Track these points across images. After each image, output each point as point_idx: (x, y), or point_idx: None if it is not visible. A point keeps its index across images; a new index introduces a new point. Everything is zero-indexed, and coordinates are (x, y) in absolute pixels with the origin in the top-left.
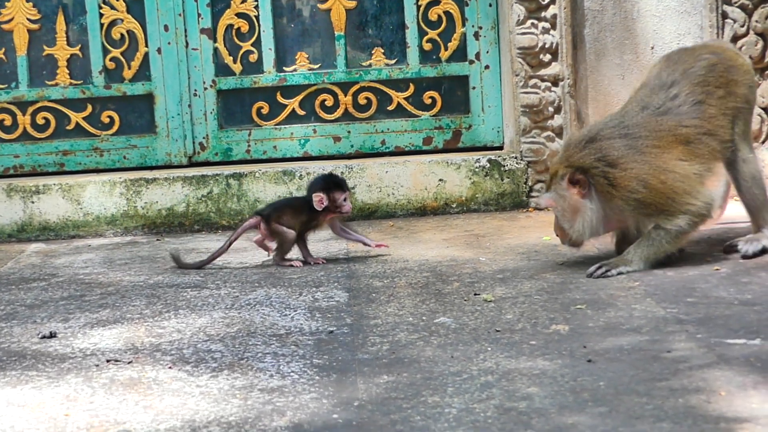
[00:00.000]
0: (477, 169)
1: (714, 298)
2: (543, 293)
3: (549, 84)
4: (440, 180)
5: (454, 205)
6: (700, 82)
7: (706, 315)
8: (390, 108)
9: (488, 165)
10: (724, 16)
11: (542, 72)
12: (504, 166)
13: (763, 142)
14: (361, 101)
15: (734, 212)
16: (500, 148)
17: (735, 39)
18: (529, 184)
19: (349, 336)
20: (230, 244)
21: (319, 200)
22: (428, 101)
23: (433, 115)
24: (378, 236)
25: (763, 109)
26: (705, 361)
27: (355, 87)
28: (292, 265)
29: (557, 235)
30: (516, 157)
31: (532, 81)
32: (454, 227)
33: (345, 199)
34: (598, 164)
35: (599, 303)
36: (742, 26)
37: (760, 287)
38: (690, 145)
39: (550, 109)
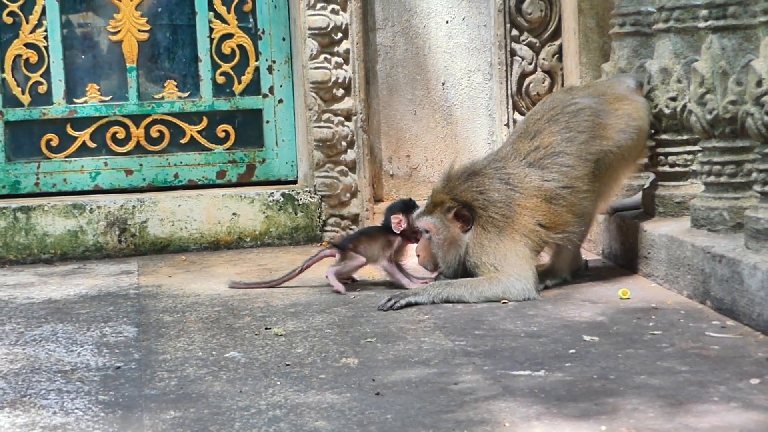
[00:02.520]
0: (271, 203)
1: (501, 330)
2: (334, 327)
3: (342, 118)
4: (234, 214)
5: (247, 239)
6: (561, 129)
7: (493, 347)
8: (183, 141)
9: (282, 199)
10: (513, 53)
11: (335, 106)
12: (298, 200)
13: None
14: (154, 134)
15: None
16: (294, 182)
17: (523, 76)
18: (323, 218)
19: (136, 372)
20: (302, 271)
21: (398, 222)
22: (222, 135)
23: (227, 149)
24: (170, 270)
25: None
26: (491, 393)
27: (148, 119)
28: (338, 291)
29: (419, 257)
30: (310, 191)
31: (326, 115)
32: (247, 261)
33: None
34: (479, 198)
35: (389, 336)
36: (530, 64)
37: (545, 319)
38: (552, 203)
39: (343, 143)
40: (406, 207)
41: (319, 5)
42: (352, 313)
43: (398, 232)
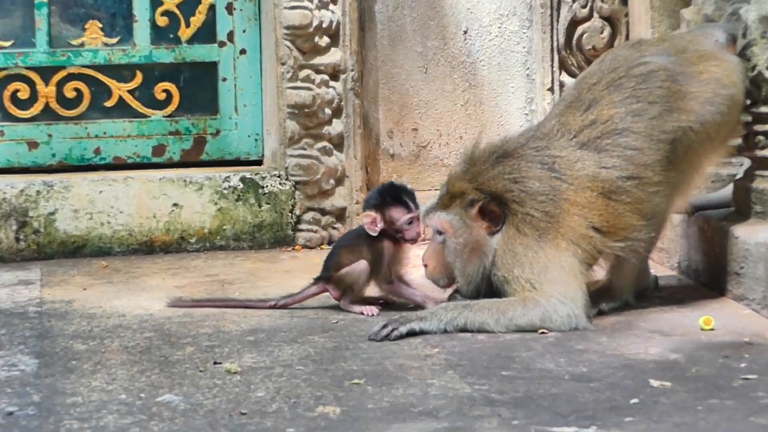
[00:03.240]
0: (226, 191)
1: (538, 371)
2: (309, 363)
3: (326, 77)
4: (175, 205)
5: (192, 240)
6: (626, 98)
7: (526, 394)
8: (108, 104)
9: (241, 186)
10: None
11: (317, 60)
12: (263, 187)
13: None
14: (69, 94)
15: None
16: (259, 162)
17: (574, 24)
18: (297, 212)
19: (35, 419)
20: (275, 308)
21: (371, 222)
22: (161, 96)
23: (168, 116)
24: (86, 281)
25: None
26: None
27: (61, 74)
28: (362, 313)
29: (427, 267)
30: (280, 176)
31: (304, 72)
32: (192, 270)
33: (410, 222)
34: (513, 188)
35: (384, 376)
36: (584, 7)
37: (598, 357)
38: (611, 199)
39: (327, 111)
40: (381, 199)
41: None
42: (334, 343)
43: (375, 234)
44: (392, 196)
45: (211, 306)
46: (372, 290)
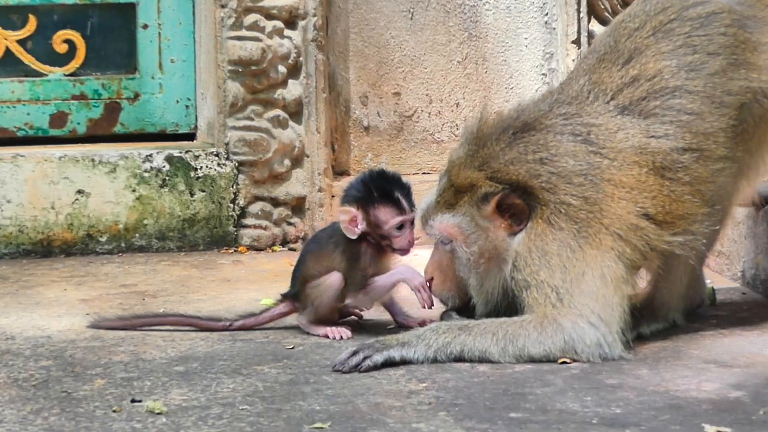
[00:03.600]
0: (147, 175)
1: (557, 412)
2: (256, 401)
3: (280, 24)
4: (80, 192)
5: (103, 239)
6: (678, 47)
7: None
8: None
9: (167, 167)
10: None
11: (268, 3)
12: (196, 169)
13: None
14: None
15: None
16: (190, 136)
17: None
18: (241, 203)
19: None
20: (232, 328)
21: (350, 220)
22: (62, 48)
23: (71, 74)
24: None
25: None
26: None
27: None
28: (326, 335)
29: (430, 282)
30: (218, 154)
31: (251, 18)
32: (102, 279)
33: (401, 227)
34: (541, 171)
35: (356, 419)
36: None
37: (636, 395)
38: (666, 177)
39: (281, 69)
40: (367, 190)
41: None
42: (289, 375)
43: (354, 237)
44: (381, 189)
45: (147, 325)
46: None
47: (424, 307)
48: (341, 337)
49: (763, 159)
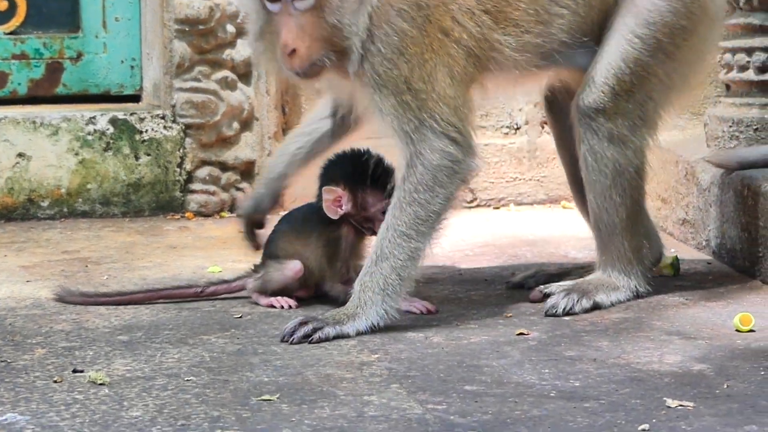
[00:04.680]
0: (90, 138)
1: (514, 385)
2: (203, 371)
3: None
4: (20, 156)
5: (44, 204)
6: None
7: (499, 417)
8: None
9: (112, 130)
10: None
11: None
12: (141, 132)
13: None
14: None
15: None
16: (136, 98)
17: None
18: (188, 167)
19: None
20: (195, 295)
21: (335, 200)
22: (1, 6)
23: (10, 33)
24: None
25: None
26: None
27: None
28: (272, 305)
29: (296, 53)
30: (164, 117)
31: None
32: (43, 245)
33: (383, 211)
34: None
35: (305, 391)
36: None
37: (596, 367)
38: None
39: (230, 27)
40: (355, 171)
41: None
42: (237, 346)
43: (336, 217)
44: (365, 170)
45: (114, 303)
46: None
47: (424, 313)
48: (287, 306)
49: None
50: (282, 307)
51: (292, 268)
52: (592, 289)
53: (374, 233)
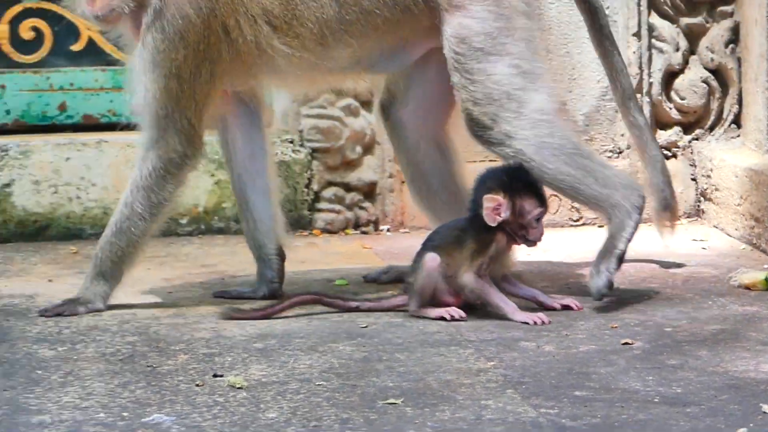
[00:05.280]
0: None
1: (620, 391)
2: (332, 376)
3: None
4: None
5: (184, 221)
6: None
7: (607, 420)
8: (75, 48)
9: None
10: None
11: None
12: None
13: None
14: (25, 34)
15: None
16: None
17: None
18: (315, 188)
19: None
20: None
21: (495, 207)
22: None
23: None
24: (51, 270)
25: None
26: None
27: (16, 9)
28: (442, 317)
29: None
30: (292, 141)
31: None
32: (182, 259)
33: (539, 219)
34: None
35: (427, 395)
36: None
37: (696, 375)
38: None
39: None
40: (512, 181)
41: None
42: (364, 353)
43: (494, 224)
44: (527, 181)
45: (272, 315)
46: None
47: (536, 323)
48: (459, 317)
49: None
50: (452, 317)
51: (428, 260)
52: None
53: (526, 241)
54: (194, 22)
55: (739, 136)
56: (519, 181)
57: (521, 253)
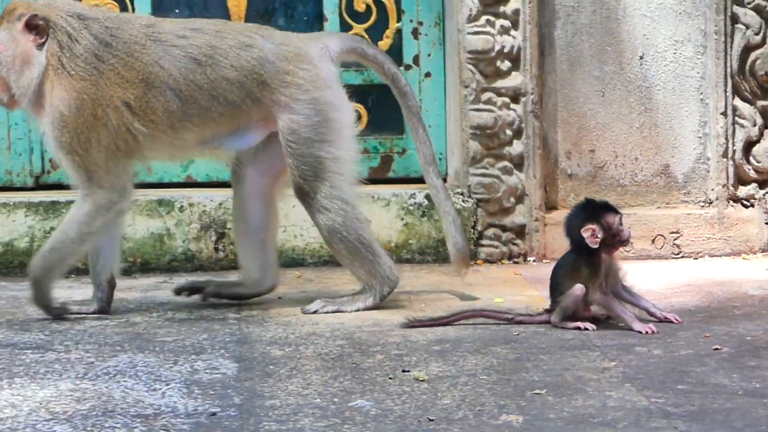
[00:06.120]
0: (411, 207)
1: (712, 385)
2: (492, 372)
3: (507, 100)
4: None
5: None
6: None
7: (702, 408)
8: None
9: (426, 202)
10: (734, 19)
11: (499, 84)
12: None
13: None
14: None
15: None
16: (443, 180)
17: (747, 50)
18: (479, 228)
19: (236, 420)
20: (520, 323)
21: (592, 233)
22: None
23: (356, 135)
24: (280, 290)
25: None
26: None
27: None
28: (578, 328)
29: None
30: (462, 194)
31: (486, 95)
32: None
33: (620, 222)
34: (67, 17)
35: (564, 387)
36: (757, 34)
37: None
38: (150, 88)
39: (508, 132)
40: (592, 211)
41: None
42: (516, 354)
43: (596, 246)
44: (596, 206)
45: (450, 323)
46: None
47: (647, 333)
48: (593, 329)
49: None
50: (586, 329)
51: (576, 289)
52: (340, 302)
53: (622, 243)
54: (69, 116)
55: None
56: (594, 208)
57: (637, 280)
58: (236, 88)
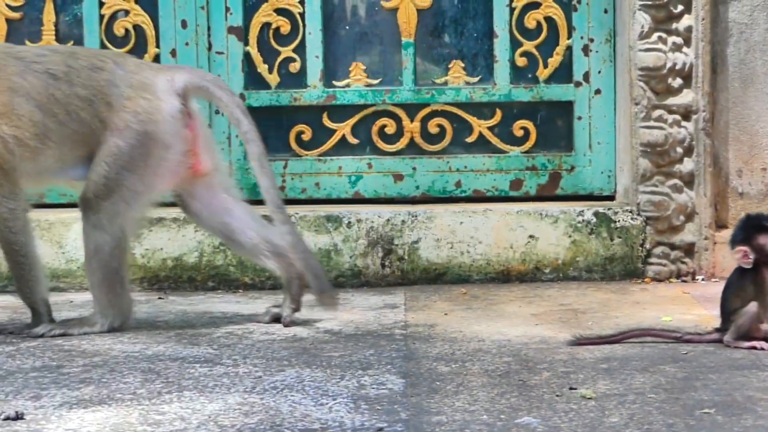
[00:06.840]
0: (579, 225)
1: None
2: (660, 391)
3: (678, 117)
4: (530, 237)
5: (547, 270)
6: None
7: None
8: (469, 140)
9: (594, 220)
10: None
11: (670, 101)
12: (615, 221)
13: None
14: (432, 129)
15: None
16: (611, 198)
17: None
18: (647, 246)
19: None
20: (688, 341)
21: (743, 256)
22: (520, 133)
23: (526, 152)
24: (446, 306)
25: None
26: None
27: (425, 110)
28: (754, 348)
29: None
30: (631, 211)
31: (657, 112)
32: (546, 299)
33: None
34: None
35: (733, 407)
36: None
37: None
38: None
39: (679, 149)
40: (745, 231)
41: None
42: (684, 373)
43: (750, 266)
44: (753, 225)
45: (616, 341)
46: None
47: (765, 349)
48: (766, 348)
49: None
50: (763, 348)
51: (752, 306)
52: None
53: None
54: None
55: None
56: (749, 227)
57: None
58: (87, 105)
